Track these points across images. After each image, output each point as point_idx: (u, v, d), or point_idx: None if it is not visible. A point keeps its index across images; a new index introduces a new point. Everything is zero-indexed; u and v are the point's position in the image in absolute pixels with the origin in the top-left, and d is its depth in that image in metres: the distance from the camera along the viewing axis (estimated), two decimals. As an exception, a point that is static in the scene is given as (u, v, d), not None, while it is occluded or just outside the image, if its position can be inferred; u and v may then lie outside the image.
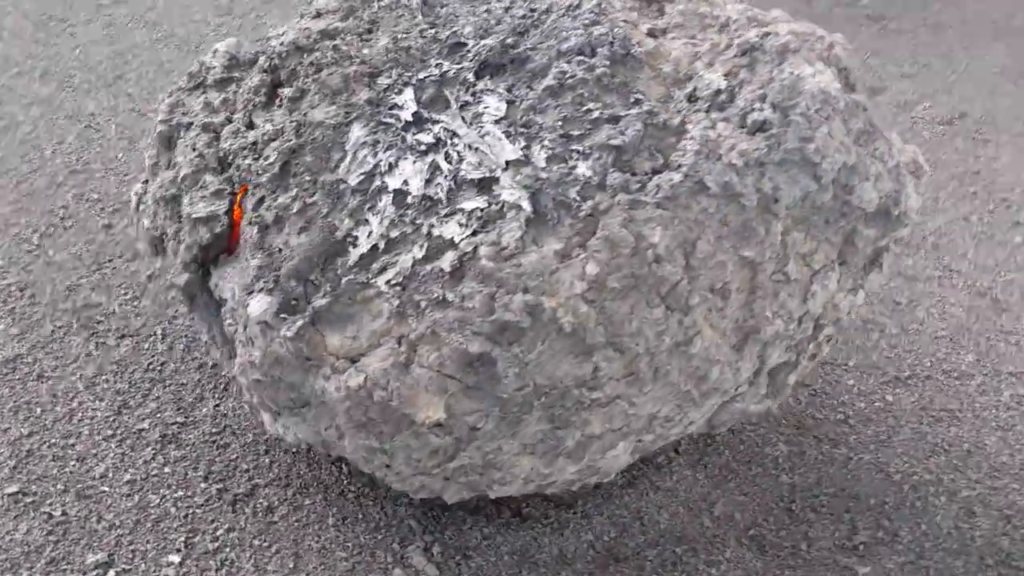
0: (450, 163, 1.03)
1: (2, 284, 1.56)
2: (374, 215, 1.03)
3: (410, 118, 1.07)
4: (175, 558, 1.17)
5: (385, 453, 1.08)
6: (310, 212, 1.05)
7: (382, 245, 1.02)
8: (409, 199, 1.03)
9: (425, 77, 1.10)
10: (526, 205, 0.98)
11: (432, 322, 0.98)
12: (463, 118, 1.06)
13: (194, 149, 1.17)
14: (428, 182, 1.03)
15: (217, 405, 1.38)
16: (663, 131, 1.02)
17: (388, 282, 1.00)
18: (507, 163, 1.01)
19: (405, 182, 1.03)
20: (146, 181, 1.30)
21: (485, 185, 1.01)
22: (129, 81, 2.19)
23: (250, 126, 1.17)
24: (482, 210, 0.99)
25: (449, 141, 1.04)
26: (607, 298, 0.97)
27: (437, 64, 1.11)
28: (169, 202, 1.19)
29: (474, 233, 0.99)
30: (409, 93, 1.09)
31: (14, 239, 1.66)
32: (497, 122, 1.04)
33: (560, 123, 1.03)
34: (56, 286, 1.57)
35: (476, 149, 1.03)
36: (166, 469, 1.28)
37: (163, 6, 2.54)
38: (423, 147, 1.05)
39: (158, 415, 1.36)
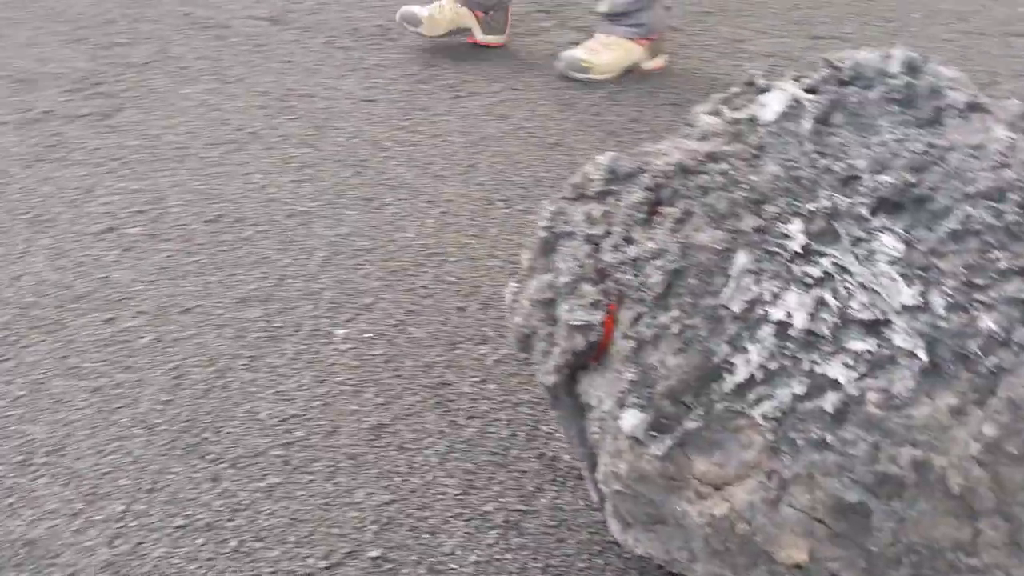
0: (838, 300, 1.02)
1: (371, 354, 1.72)
2: (753, 344, 1.03)
3: (798, 249, 1.07)
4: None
5: (737, 583, 1.07)
6: (688, 334, 1.07)
7: (760, 376, 1.02)
8: (791, 332, 1.02)
9: (816, 209, 1.10)
10: (922, 354, 0.95)
11: (808, 463, 0.96)
12: (855, 254, 1.04)
13: (575, 259, 1.23)
14: (812, 317, 1.02)
15: (555, 497, 1.43)
16: (1081, 289, 0.95)
17: (764, 415, 1.00)
18: (902, 307, 0.98)
19: (788, 314, 1.03)
20: (520, 281, 1.38)
21: (875, 327, 0.99)
22: (480, 171, 2.36)
23: (628, 240, 1.22)
24: (871, 353, 0.97)
25: (838, 277, 1.03)
26: (1002, 463, 0.91)
27: (828, 196, 1.10)
28: (545, 305, 1.26)
29: (861, 377, 0.96)
30: (798, 223, 1.09)
31: (382, 313, 1.83)
32: (892, 263, 1.02)
33: (963, 270, 0.99)
34: (415, 362, 1.71)
35: (868, 288, 1.01)
36: (507, 556, 1.34)
37: (513, 100, 2.73)
38: (810, 280, 1.04)
39: (501, 500, 1.43)
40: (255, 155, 2.41)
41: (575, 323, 1.19)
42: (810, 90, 1.28)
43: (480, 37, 2.99)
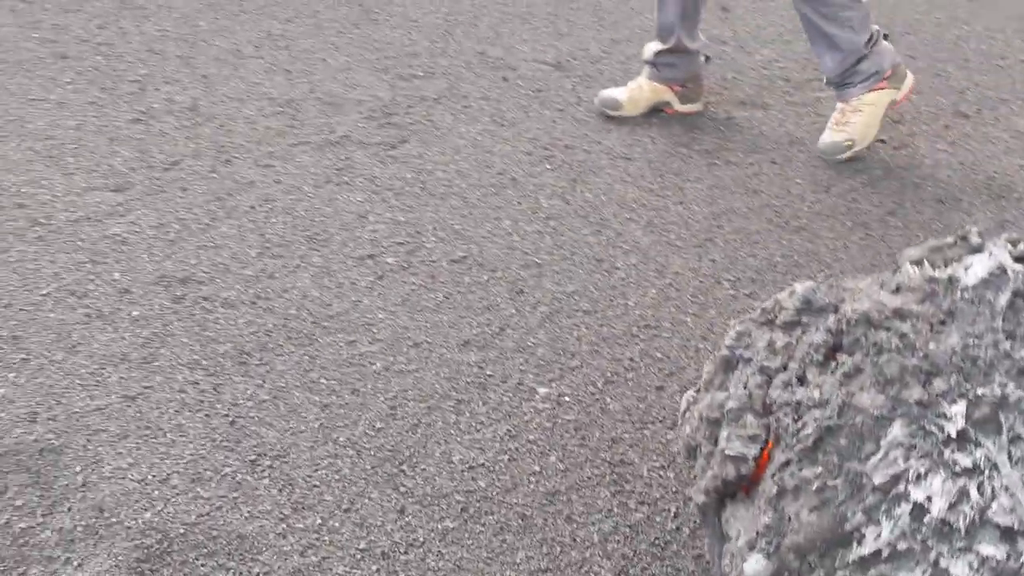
0: (981, 496, 1.01)
1: (564, 418, 1.84)
2: (888, 520, 1.04)
3: (954, 434, 1.06)
4: None
5: None
6: (827, 494, 1.10)
7: (886, 553, 1.03)
8: (927, 517, 1.02)
9: (983, 394, 1.08)
10: (1052, 577, 0.92)
11: (915, 654, 0.96)
12: (1009, 453, 1.02)
13: (746, 387, 1.28)
14: (952, 507, 1.02)
15: (701, 602, 1.48)
16: None
17: (882, 594, 1.01)
18: (1044, 522, 0.96)
19: (928, 498, 1.03)
20: (698, 390, 1.45)
21: (1009, 535, 0.97)
22: (715, 245, 2.41)
23: (800, 380, 1.25)
24: (998, 561, 0.96)
25: (987, 472, 1.02)
26: None
27: (1001, 384, 1.08)
28: (711, 424, 1.32)
29: (985, 583, 0.95)
30: (961, 407, 1.08)
31: (584, 379, 1.94)
32: (1046, 472, 0.99)
33: (1120, 498, 0.95)
34: (603, 434, 1.81)
35: (1011, 493, 0.99)
36: (641, 647, 1.41)
37: (768, 175, 2.74)
38: (958, 468, 1.04)
39: (649, 592, 1.50)
40: (509, 200, 2.60)
41: (730, 453, 1.25)
42: (1021, 259, 1.25)
43: (678, 107, 3.04)
